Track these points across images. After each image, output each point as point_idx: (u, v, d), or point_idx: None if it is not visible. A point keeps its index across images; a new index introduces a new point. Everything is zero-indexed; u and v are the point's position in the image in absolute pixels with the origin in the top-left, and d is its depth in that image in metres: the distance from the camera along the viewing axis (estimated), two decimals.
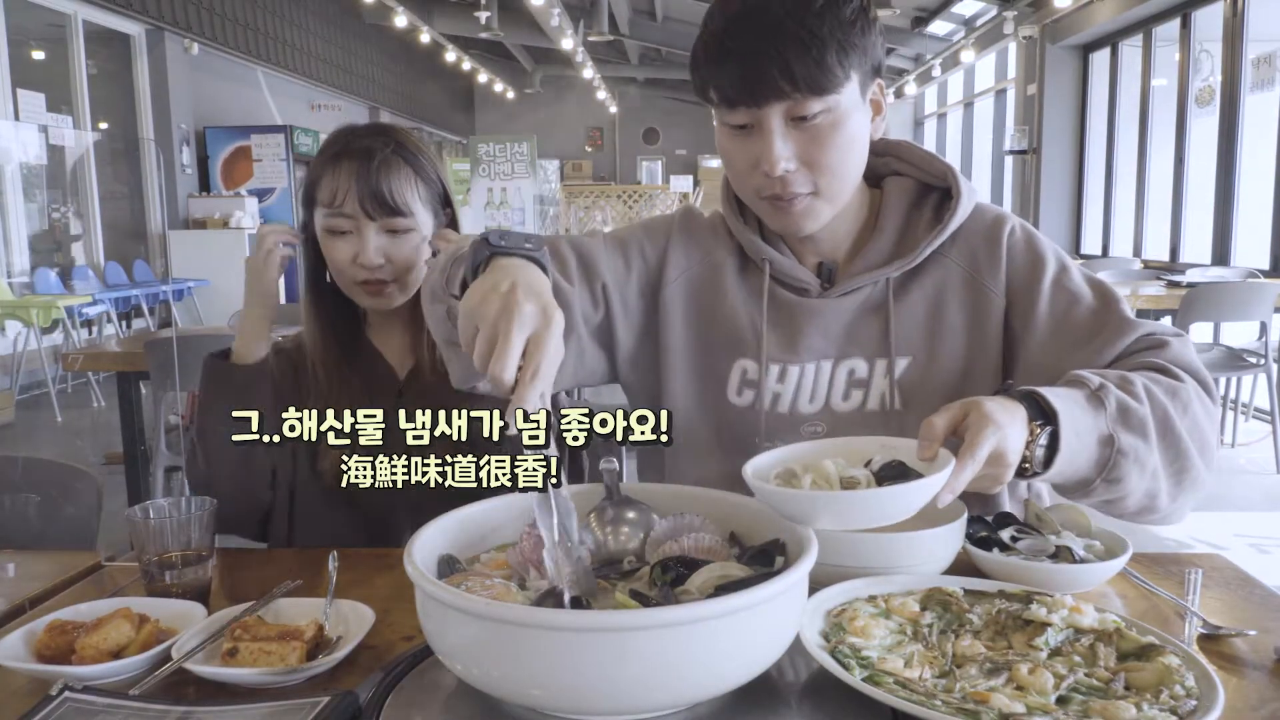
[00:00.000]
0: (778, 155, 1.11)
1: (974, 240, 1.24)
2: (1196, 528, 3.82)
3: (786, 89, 1.08)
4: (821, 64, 1.07)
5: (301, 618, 0.95)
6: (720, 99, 1.12)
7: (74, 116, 8.21)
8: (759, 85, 1.08)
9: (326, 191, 1.39)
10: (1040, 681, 0.77)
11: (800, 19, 1.07)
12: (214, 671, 0.87)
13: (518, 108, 19.36)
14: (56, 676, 0.86)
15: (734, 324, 1.27)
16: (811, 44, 1.07)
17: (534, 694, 0.73)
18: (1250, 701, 0.81)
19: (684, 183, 13.56)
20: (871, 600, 0.92)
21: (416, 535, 0.85)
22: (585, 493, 0.99)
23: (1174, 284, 4.81)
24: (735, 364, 1.26)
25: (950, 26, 12.07)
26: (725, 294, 1.28)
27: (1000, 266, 1.22)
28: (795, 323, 1.24)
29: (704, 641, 0.71)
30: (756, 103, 1.10)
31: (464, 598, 0.74)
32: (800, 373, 1.24)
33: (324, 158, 1.41)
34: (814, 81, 1.08)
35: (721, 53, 1.10)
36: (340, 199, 1.38)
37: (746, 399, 1.25)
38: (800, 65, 1.07)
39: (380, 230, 1.39)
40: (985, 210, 1.27)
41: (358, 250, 1.39)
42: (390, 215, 1.39)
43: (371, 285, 1.41)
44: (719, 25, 1.11)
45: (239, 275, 1.50)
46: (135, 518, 1.06)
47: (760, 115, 1.11)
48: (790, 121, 1.11)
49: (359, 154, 1.38)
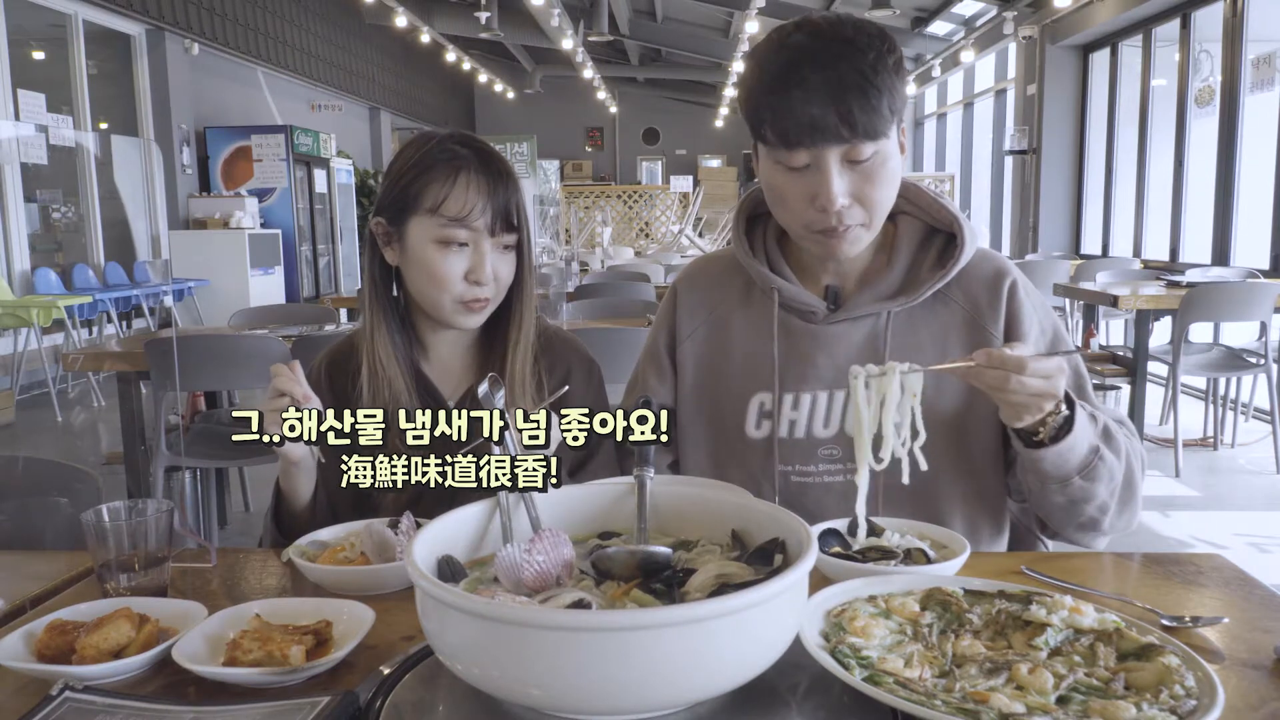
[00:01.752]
0: (835, 194, 1.18)
1: (977, 285, 1.32)
2: (1197, 527, 3.82)
3: (846, 134, 1.14)
4: (878, 111, 1.14)
5: (303, 617, 0.95)
6: (779, 141, 1.17)
7: (74, 117, 8.21)
8: (822, 131, 1.14)
9: (454, 203, 1.33)
10: (1040, 681, 0.77)
11: (859, 67, 1.13)
12: (214, 671, 0.87)
13: (518, 108, 19.35)
14: (57, 676, 0.86)
15: (747, 360, 1.35)
16: (869, 91, 1.13)
17: (534, 694, 0.73)
18: (1250, 701, 0.81)
19: (684, 183, 13.50)
20: (871, 600, 0.92)
21: (416, 535, 0.85)
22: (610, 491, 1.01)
23: (1174, 284, 4.78)
24: (753, 399, 1.34)
25: (950, 27, 12.07)
26: (735, 337, 1.37)
27: (1000, 315, 1.31)
28: (805, 350, 1.33)
29: (704, 641, 0.71)
30: (817, 145, 1.16)
31: (464, 597, 0.74)
32: (813, 400, 1.31)
33: (438, 166, 1.34)
34: (871, 127, 1.15)
35: (784, 97, 1.15)
36: (468, 211, 1.33)
37: (765, 430, 1.33)
38: (861, 112, 1.13)
39: (495, 247, 1.37)
40: (989, 258, 1.35)
41: (473, 265, 1.35)
42: (509, 232, 1.37)
43: (478, 303, 1.37)
44: (778, 68, 1.16)
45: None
46: (89, 521, 1.05)
47: (818, 155, 1.17)
48: (845, 162, 1.18)
49: (484, 169, 1.35)
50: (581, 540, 0.96)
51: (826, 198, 1.18)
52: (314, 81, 12.45)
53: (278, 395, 1.21)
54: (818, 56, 1.15)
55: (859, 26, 1.18)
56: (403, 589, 1.07)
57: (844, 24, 1.18)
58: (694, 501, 1.00)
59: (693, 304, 1.42)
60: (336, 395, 1.43)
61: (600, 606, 0.81)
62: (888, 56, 1.16)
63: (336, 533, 1.19)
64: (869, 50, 1.15)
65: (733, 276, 1.41)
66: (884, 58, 1.15)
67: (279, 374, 1.22)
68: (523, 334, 1.42)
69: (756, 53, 1.22)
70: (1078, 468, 1.16)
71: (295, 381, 1.22)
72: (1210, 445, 4.96)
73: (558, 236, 11.35)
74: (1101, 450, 1.17)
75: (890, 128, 1.18)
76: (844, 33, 1.16)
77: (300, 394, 1.21)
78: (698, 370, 1.39)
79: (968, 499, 1.30)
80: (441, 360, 1.46)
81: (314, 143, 11.20)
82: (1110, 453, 1.19)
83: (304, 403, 1.20)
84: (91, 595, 1.05)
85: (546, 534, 0.88)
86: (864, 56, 1.14)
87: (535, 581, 0.86)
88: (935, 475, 1.22)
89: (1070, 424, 1.13)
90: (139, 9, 8.56)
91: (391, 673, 0.86)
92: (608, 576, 0.87)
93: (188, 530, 1.29)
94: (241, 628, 0.93)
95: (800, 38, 1.17)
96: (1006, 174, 10.91)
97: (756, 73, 1.19)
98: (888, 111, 1.16)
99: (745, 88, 1.22)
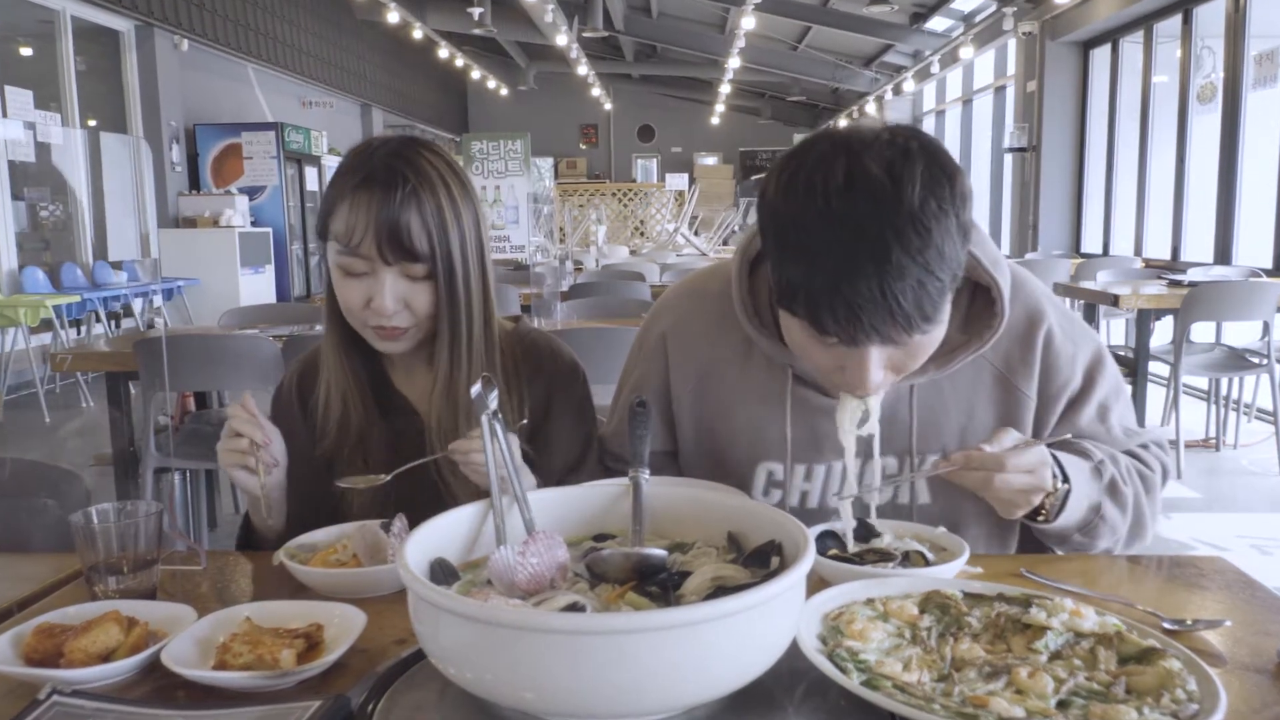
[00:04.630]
0: (873, 382, 1.03)
1: (1008, 338, 1.20)
2: (1198, 529, 3.80)
3: (896, 337, 0.98)
4: (938, 304, 0.97)
5: (293, 620, 0.94)
6: (813, 324, 0.99)
7: (62, 114, 8.15)
8: (868, 334, 0.97)
9: (342, 227, 1.21)
10: (1040, 685, 0.77)
11: (924, 254, 0.93)
12: (204, 675, 0.86)
13: (511, 105, 19.33)
14: (45, 680, 0.85)
15: (754, 428, 1.25)
16: (930, 286, 0.94)
17: (527, 698, 0.72)
18: (1253, 705, 0.81)
19: (680, 180, 13.48)
20: (869, 603, 0.91)
21: (408, 538, 0.85)
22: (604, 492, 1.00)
23: (1175, 283, 4.74)
24: (759, 466, 1.26)
25: (949, 22, 12.04)
26: (735, 399, 1.27)
27: (1034, 371, 1.21)
28: (819, 422, 1.23)
29: (700, 645, 0.70)
30: (858, 344, 0.99)
31: (457, 600, 0.73)
32: (827, 470, 1.25)
33: (341, 183, 1.23)
34: (926, 323, 0.98)
35: (826, 286, 0.95)
36: (355, 238, 1.20)
37: (774, 498, 1.26)
38: (918, 313, 0.95)
39: (400, 275, 1.23)
40: (1021, 296, 1.21)
41: (372, 294, 1.23)
42: (411, 261, 1.22)
43: (385, 331, 1.26)
44: (818, 242, 0.95)
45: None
46: (78, 523, 1.04)
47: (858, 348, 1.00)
48: (888, 347, 1.01)
49: (377, 186, 1.20)
50: (576, 542, 0.95)
51: (862, 386, 1.03)
52: (305, 78, 12.41)
53: (234, 436, 1.20)
54: (873, 242, 0.92)
55: (928, 179, 0.94)
56: (395, 592, 1.06)
57: (906, 175, 0.93)
58: (690, 503, 0.99)
59: (683, 358, 1.28)
60: (306, 411, 1.38)
61: (595, 609, 0.80)
62: (955, 218, 0.95)
63: (328, 534, 1.18)
64: (939, 221, 0.93)
65: (728, 331, 1.25)
66: (947, 217, 0.93)
67: (235, 415, 1.21)
68: (457, 363, 1.28)
69: (789, 189, 0.97)
70: (1076, 527, 1.15)
71: (252, 422, 1.21)
72: (1212, 446, 4.93)
73: (551, 235, 11.34)
74: (1104, 508, 1.15)
75: (948, 304, 1.01)
76: (906, 195, 0.93)
77: (259, 436, 1.20)
78: (696, 432, 1.30)
79: (982, 517, 1.25)
80: (405, 378, 1.38)
81: (305, 140, 11.16)
82: (1114, 508, 1.16)
83: (263, 444, 1.21)
84: (80, 598, 1.04)
85: (540, 536, 0.88)
86: (929, 235, 0.92)
87: (529, 584, 0.85)
88: (956, 499, 1.21)
89: (1067, 499, 1.10)
90: (128, 5, 8.51)
91: (383, 676, 0.85)
92: (602, 579, 0.86)
93: (177, 532, 1.28)
94: (232, 631, 0.92)
95: (852, 203, 0.93)
96: (1006, 172, 10.85)
97: (788, 227, 0.97)
98: (949, 292, 0.98)
99: (772, 233, 1.00)
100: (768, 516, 0.91)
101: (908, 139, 0.97)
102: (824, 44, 14.35)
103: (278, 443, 1.27)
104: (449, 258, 1.24)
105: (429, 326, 1.28)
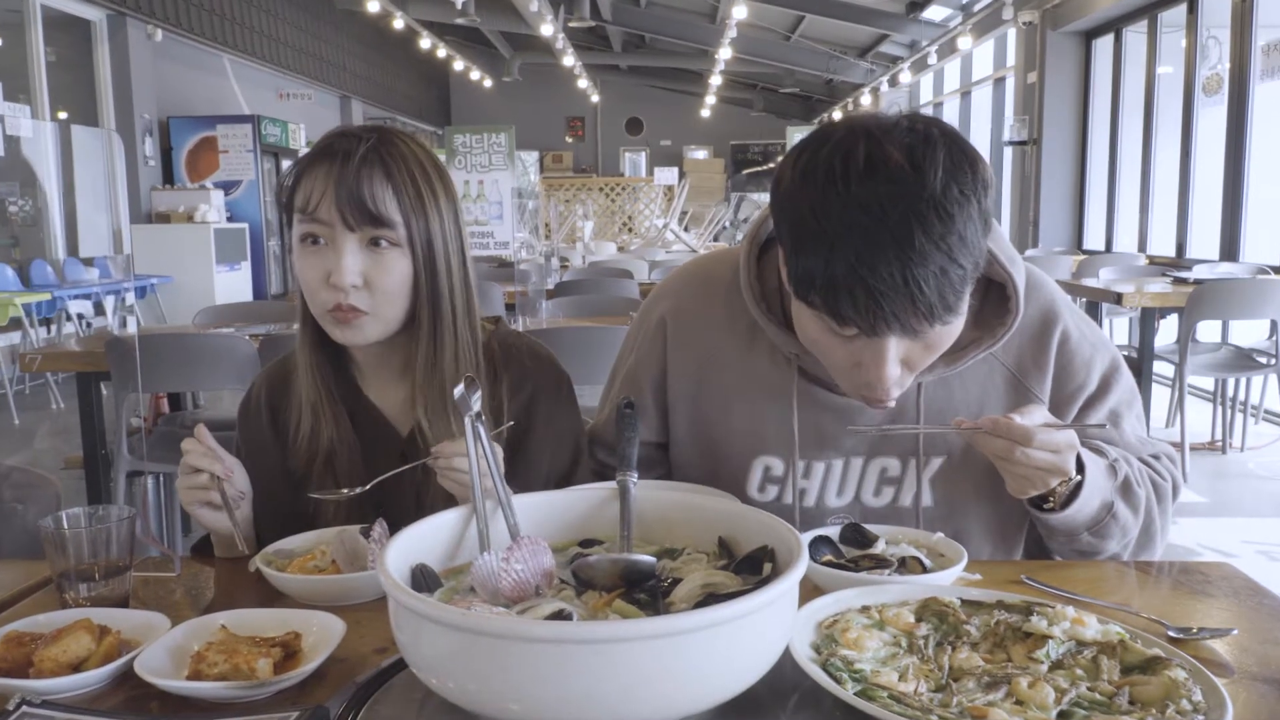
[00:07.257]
0: (890, 378, 1.02)
1: (1021, 338, 1.19)
2: (1204, 535, 3.76)
3: (916, 327, 0.97)
4: (960, 293, 0.97)
5: (270, 629, 0.93)
6: (831, 316, 0.98)
7: (32, 106, 8.04)
8: (888, 324, 0.96)
9: (303, 192, 1.17)
10: (1041, 696, 0.76)
11: (947, 241, 0.93)
12: (178, 685, 0.84)
13: (495, 97, 19.21)
14: (13, 690, 0.84)
15: (754, 420, 1.23)
16: (952, 274, 0.94)
17: (512, 708, 0.71)
18: (1260, 716, 0.80)
19: (669, 175, 13.37)
20: (865, 611, 0.90)
21: (389, 544, 0.83)
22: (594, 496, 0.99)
23: (1180, 281, 4.69)
24: (756, 460, 1.24)
25: (947, 11, 11.97)
26: (735, 389, 1.24)
27: (1047, 373, 1.20)
28: (825, 420, 1.21)
29: (690, 654, 0.69)
30: (877, 334, 0.98)
31: (439, 608, 0.72)
32: (827, 468, 1.23)
33: (303, 160, 1.21)
34: (948, 312, 0.97)
35: (846, 272, 0.94)
36: (316, 200, 1.15)
37: (770, 495, 1.24)
38: (941, 303, 0.95)
39: (361, 244, 1.17)
40: (1036, 296, 1.20)
41: (331, 268, 1.16)
42: (373, 225, 1.16)
43: (341, 312, 1.17)
44: (837, 228, 0.93)
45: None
46: (48, 528, 1.02)
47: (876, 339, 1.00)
48: (906, 339, 1.01)
49: (339, 154, 1.16)
50: (562, 548, 0.94)
51: (880, 383, 1.02)
52: (282, 69, 12.32)
53: (192, 471, 1.16)
54: (895, 227, 0.91)
55: (950, 164, 0.93)
56: (375, 599, 1.04)
57: (928, 160, 0.93)
58: (679, 508, 0.98)
59: (683, 342, 1.26)
60: (276, 424, 1.32)
61: (581, 617, 0.79)
62: (977, 204, 0.94)
63: (306, 540, 1.16)
64: (961, 207, 0.93)
65: (732, 318, 1.23)
66: (969, 204, 0.93)
67: (190, 450, 1.16)
68: (439, 357, 1.23)
69: (807, 176, 0.96)
70: (1086, 524, 1.11)
71: (209, 455, 1.16)
72: (1218, 449, 4.87)
73: (537, 231, 11.29)
74: (1116, 507, 1.12)
75: (968, 295, 0.99)
76: (929, 180, 0.92)
77: (219, 469, 1.16)
78: (692, 422, 1.26)
79: (987, 522, 1.24)
80: (376, 386, 1.31)
81: (282, 133, 11.08)
82: (1127, 508, 1.13)
83: (224, 477, 1.16)
84: (50, 606, 1.02)
85: (525, 542, 0.86)
86: (952, 221, 0.92)
87: (513, 591, 0.83)
88: (960, 502, 1.20)
89: (1079, 490, 1.07)
90: None
91: (363, 687, 0.84)
92: (589, 586, 0.85)
93: (150, 538, 1.26)
94: (207, 639, 0.90)
95: (874, 188, 0.92)
96: (1006, 166, 10.67)
97: (806, 214, 0.95)
98: (970, 282, 0.97)
99: (788, 222, 0.98)
100: (759, 521, 0.90)
101: (928, 125, 0.97)
102: (818, 34, 14.32)
103: (239, 473, 1.22)
104: (428, 238, 1.19)
105: (393, 319, 1.21)
